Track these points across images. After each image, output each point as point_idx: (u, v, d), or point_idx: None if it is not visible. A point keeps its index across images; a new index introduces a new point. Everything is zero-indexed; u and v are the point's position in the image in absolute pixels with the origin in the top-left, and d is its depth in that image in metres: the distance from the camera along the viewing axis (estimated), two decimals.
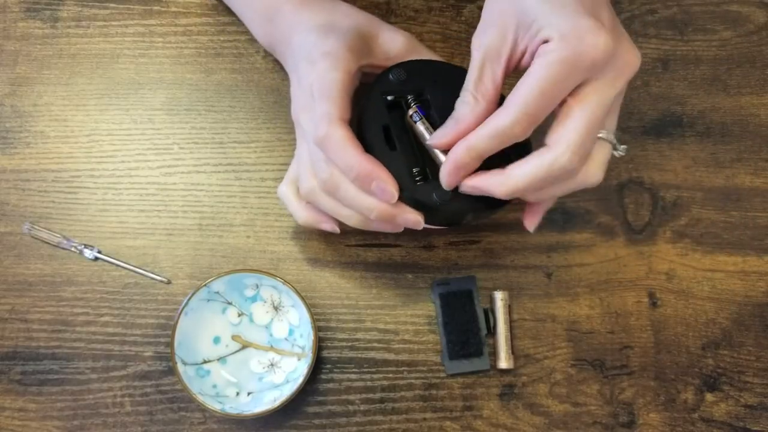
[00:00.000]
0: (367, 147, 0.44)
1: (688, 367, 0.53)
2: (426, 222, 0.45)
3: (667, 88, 0.58)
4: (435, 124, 0.45)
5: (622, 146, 0.43)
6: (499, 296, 0.52)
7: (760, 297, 0.54)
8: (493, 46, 0.40)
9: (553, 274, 0.54)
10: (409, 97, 0.46)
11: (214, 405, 0.47)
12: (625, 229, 0.55)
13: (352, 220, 0.46)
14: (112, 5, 0.58)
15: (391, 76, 0.46)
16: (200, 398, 0.47)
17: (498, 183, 0.41)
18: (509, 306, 0.53)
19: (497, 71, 0.41)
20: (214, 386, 0.49)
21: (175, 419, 0.51)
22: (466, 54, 0.57)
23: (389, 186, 0.42)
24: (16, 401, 0.51)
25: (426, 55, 0.50)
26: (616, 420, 0.52)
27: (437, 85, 0.46)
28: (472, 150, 0.40)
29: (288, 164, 0.55)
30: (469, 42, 0.57)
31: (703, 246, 0.55)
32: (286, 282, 0.49)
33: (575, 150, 0.39)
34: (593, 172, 0.42)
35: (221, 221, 0.54)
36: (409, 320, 0.53)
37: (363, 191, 0.43)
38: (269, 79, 0.57)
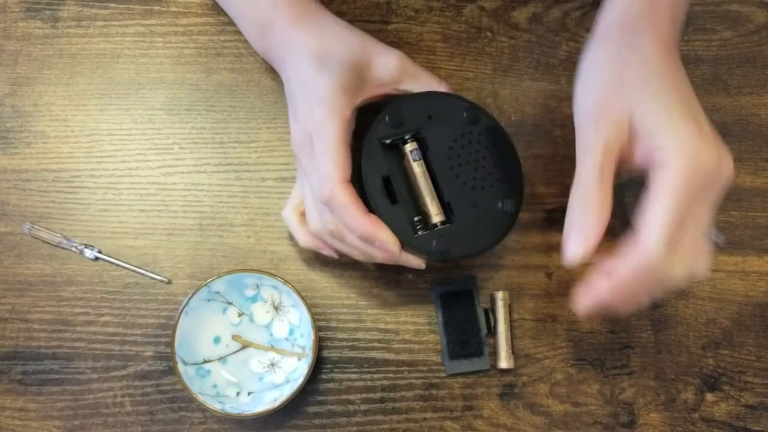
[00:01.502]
0: (369, 201, 0.45)
1: (688, 366, 0.53)
2: (432, 260, 0.48)
3: None
4: (431, 166, 0.47)
5: (722, 237, 0.45)
6: (500, 296, 0.52)
7: (761, 297, 0.54)
8: (612, 142, 0.40)
9: (554, 274, 0.54)
10: (406, 137, 0.47)
11: (215, 405, 0.47)
12: (626, 228, 0.55)
13: (359, 257, 0.48)
14: (112, 5, 0.58)
15: (387, 119, 0.47)
16: (200, 398, 0.47)
17: (607, 290, 0.41)
18: (509, 306, 0.53)
19: (612, 169, 0.41)
20: (215, 386, 0.49)
21: (176, 419, 0.51)
22: (466, 53, 0.57)
23: (391, 246, 0.45)
24: (17, 401, 0.51)
25: (419, 74, 0.50)
26: (616, 420, 0.52)
27: (432, 122, 0.47)
28: (616, 289, 0.40)
29: (288, 164, 0.55)
30: (469, 42, 0.58)
31: None
32: (286, 282, 0.49)
33: (667, 246, 0.39)
34: (703, 268, 0.41)
35: (221, 221, 0.54)
36: (409, 320, 0.53)
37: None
38: (270, 79, 0.57)
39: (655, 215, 0.39)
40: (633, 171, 0.42)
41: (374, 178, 0.46)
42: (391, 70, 0.48)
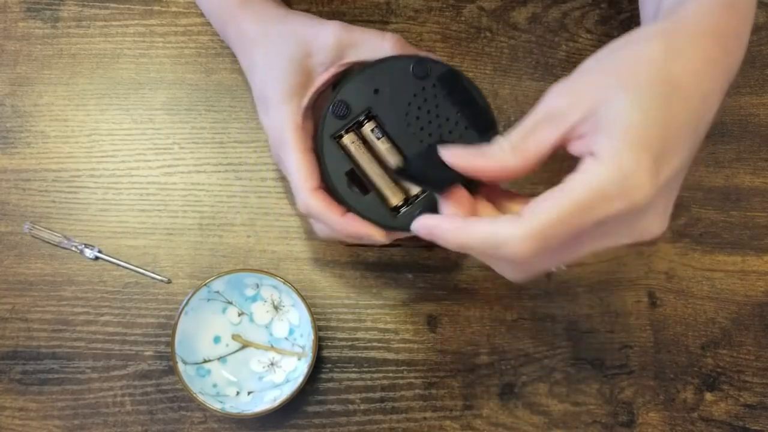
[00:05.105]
0: (341, 200, 0.45)
1: (687, 366, 0.53)
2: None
3: None
4: (393, 139, 0.44)
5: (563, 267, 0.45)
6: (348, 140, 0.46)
7: (760, 296, 0.54)
8: (559, 110, 0.36)
9: (553, 274, 0.54)
10: (361, 119, 0.45)
11: (215, 404, 0.47)
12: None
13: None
14: (112, 5, 0.58)
15: (331, 111, 0.44)
16: (200, 398, 0.47)
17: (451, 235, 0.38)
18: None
19: (548, 138, 0.37)
20: (215, 385, 0.49)
21: (176, 418, 0.51)
22: (466, 54, 0.57)
23: (376, 236, 0.45)
24: (17, 401, 0.51)
25: (359, 40, 0.46)
26: (615, 419, 0.52)
27: (380, 94, 0.44)
28: (461, 246, 0.38)
29: None
30: (468, 42, 0.58)
31: (703, 246, 0.55)
32: (286, 281, 0.49)
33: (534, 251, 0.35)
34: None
35: (222, 221, 0.54)
36: (408, 320, 0.53)
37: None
38: None
39: (543, 210, 0.34)
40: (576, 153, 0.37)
41: (338, 177, 0.45)
42: (329, 49, 0.46)
